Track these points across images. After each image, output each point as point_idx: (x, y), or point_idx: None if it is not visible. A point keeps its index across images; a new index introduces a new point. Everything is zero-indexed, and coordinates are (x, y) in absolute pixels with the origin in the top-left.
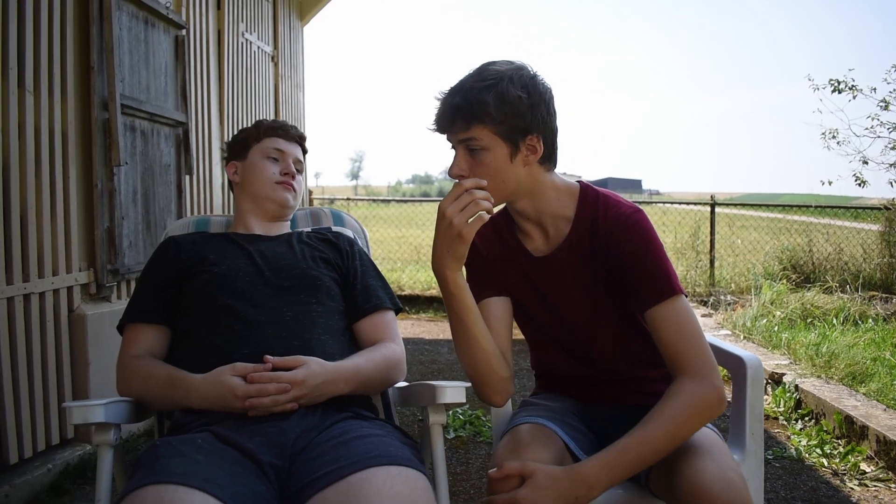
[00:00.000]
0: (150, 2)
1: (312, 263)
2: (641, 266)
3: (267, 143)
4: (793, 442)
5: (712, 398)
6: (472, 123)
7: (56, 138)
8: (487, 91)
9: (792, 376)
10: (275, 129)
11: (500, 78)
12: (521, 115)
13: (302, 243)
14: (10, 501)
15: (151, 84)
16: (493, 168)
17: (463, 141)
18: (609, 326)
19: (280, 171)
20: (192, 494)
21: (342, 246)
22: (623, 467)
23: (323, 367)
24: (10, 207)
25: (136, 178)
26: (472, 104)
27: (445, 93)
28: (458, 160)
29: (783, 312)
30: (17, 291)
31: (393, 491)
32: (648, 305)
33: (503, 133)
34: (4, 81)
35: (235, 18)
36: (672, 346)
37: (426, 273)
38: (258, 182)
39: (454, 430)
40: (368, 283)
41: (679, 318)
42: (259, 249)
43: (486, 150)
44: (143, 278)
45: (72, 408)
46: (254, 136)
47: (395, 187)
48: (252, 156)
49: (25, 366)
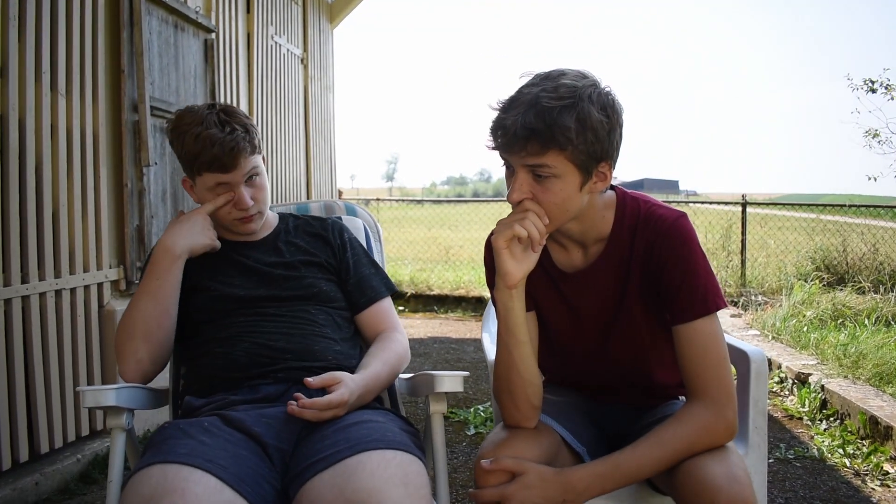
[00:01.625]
0: (179, 6)
1: (305, 270)
2: (680, 280)
3: (206, 178)
4: (815, 442)
5: (721, 429)
6: (549, 149)
7: (87, 139)
8: (568, 113)
9: (818, 376)
10: (209, 164)
11: (578, 96)
12: (600, 140)
13: (290, 245)
14: (40, 489)
15: (181, 87)
16: (561, 197)
17: (531, 166)
18: (635, 335)
19: (234, 205)
20: (195, 474)
21: (332, 239)
22: (615, 481)
23: (356, 383)
24: (42, 206)
25: (165, 177)
26: (552, 128)
27: (509, 106)
28: (521, 185)
29: (814, 313)
30: (48, 287)
31: (387, 473)
32: (679, 321)
33: (579, 161)
34: (38, 85)
35: (265, 21)
36: (693, 368)
37: (455, 273)
38: (216, 218)
39: (475, 426)
40: (362, 274)
41: (707, 340)
42: (249, 264)
43: (557, 177)
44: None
45: (85, 392)
46: (189, 164)
47: (430, 189)
48: (198, 185)
49: (56, 359)
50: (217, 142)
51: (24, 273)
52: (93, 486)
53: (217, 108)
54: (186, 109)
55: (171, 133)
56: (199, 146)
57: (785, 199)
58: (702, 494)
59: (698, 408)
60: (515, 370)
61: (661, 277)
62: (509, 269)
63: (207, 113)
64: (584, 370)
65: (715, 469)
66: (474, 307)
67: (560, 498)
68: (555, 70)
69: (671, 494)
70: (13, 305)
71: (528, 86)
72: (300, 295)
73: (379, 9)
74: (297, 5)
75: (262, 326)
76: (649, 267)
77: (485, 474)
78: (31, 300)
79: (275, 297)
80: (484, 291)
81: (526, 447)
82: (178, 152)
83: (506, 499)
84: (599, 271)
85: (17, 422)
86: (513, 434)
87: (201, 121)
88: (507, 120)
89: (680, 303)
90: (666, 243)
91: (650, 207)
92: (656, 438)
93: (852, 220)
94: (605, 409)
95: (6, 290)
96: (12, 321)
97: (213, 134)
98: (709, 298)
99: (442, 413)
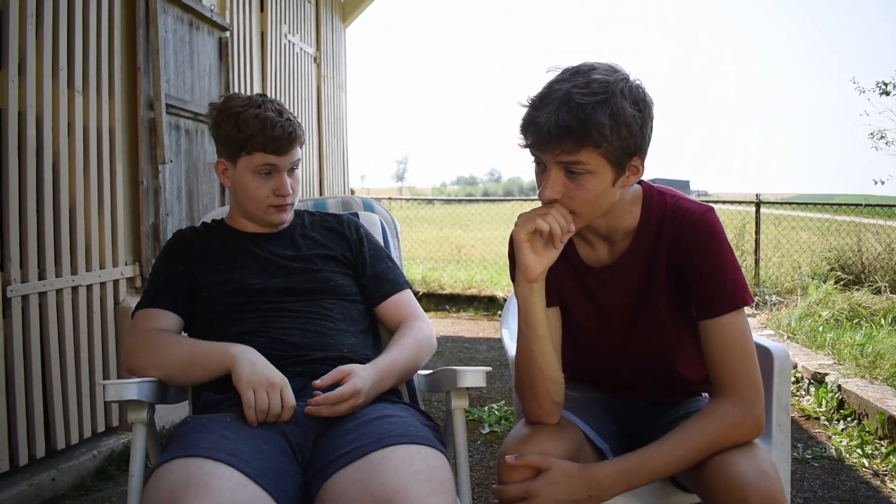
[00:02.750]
0: (194, 4)
1: (321, 264)
2: (707, 274)
3: (256, 158)
4: (833, 442)
5: (748, 426)
6: (584, 146)
7: (103, 137)
8: (602, 109)
9: (835, 376)
10: (265, 145)
11: (611, 92)
12: (633, 136)
13: (307, 238)
14: (57, 485)
15: (196, 84)
16: (594, 193)
17: (565, 163)
18: (660, 330)
19: (273, 190)
20: (219, 468)
21: (349, 234)
22: (641, 477)
23: (368, 372)
24: (59, 203)
25: (180, 175)
26: (586, 124)
27: (540, 103)
28: (554, 183)
29: (829, 313)
30: (65, 284)
31: (412, 469)
32: (707, 316)
33: (612, 156)
34: (55, 82)
35: (278, 20)
36: (721, 364)
37: (466, 272)
38: (249, 203)
39: (489, 424)
40: (379, 267)
41: (735, 335)
42: (265, 256)
43: (591, 174)
44: (157, 271)
45: (107, 385)
46: (240, 144)
47: (440, 189)
48: (240, 166)
49: (73, 355)
50: (277, 124)
51: (42, 269)
52: (108, 482)
53: (268, 99)
54: (235, 96)
55: (220, 115)
56: (257, 126)
57: (798, 199)
58: (731, 491)
59: (726, 404)
60: (536, 365)
61: (689, 272)
62: (530, 262)
63: (262, 100)
64: (606, 366)
65: (744, 465)
66: (486, 306)
67: (585, 494)
68: (584, 64)
69: (697, 492)
70: (30, 301)
71: (558, 81)
72: (315, 288)
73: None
74: (311, 4)
75: (276, 321)
76: (676, 261)
77: (509, 470)
78: (47, 296)
79: (290, 289)
80: (496, 291)
81: (549, 443)
82: (227, 133)
83: (531, 495)
84: (626, 266)
85: (33, 418)
86: (535, 430)
87: (259, 104)
88: (539, 117)
89: (707, 297)
90: (693, 237)
91: (677, 201)
92: (683, 435)
93: (867, 220)
94: (626, 405)
95: (23, 287)
96: (29, 317)
97: (272, 117)
98: (737, 293)
99: (464, 409)
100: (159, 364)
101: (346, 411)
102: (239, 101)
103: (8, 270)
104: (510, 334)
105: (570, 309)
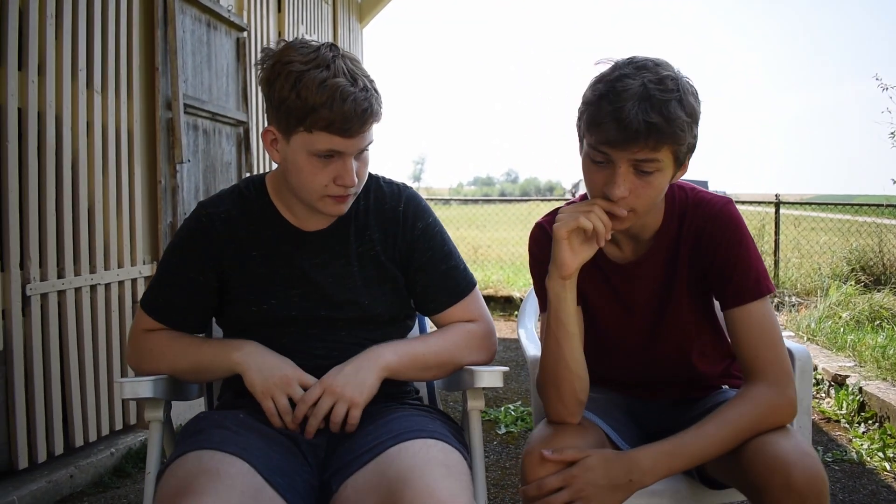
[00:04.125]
0: (212, 5)
1: (375, 289)
2: (733, 264)
3: (317, 139)
4: (854, 445)
5: (784, 407)
6: (665, 144)
7: (122, 136)
8: (679, 105)
9: (856, 378)
10: (330, 122)
11: (682, 88)
12: (697, 133)
13: (363, 241)
14: (75, 482)
15: (213, 84)
16: (659, 191)
17: (639, 161)
18: (683, 325)
19: (334, 178)
20: (229, 459)
21: (406, 235)
22: (681, 458)
23: (338, 367)
24: (78, 202)
25: (198, 174)
26: (671, 122)
27: (616, 98)
28: (624, 181)
29: (850, 314)
30: (84, 282)
31: (429, 455)
32: (733, 304)
33: (681, 154)
34: (74, 82)
35: (295, 20)
36: (751, 350)
37: (483, 273)
38: (301, 188)
39: (505, 425)
40: (435, 276)
41: (762, 321)
42: (312, 278)
43: (660, 171)
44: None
45: (123, 383)
46: (298, 116)
47: (457, 189)
48: (295, 144)
49: (91, 353)
50: (349, 97)
51: (60, 268)
52: (126, 479)
53: (341, 53)
54: (296, 45)
55: (275, 70)
56: (323, 96)
57: (817, 200)
58: (775, 469)
59: (761, 387)
60: (564, 363)
61: (714, 262)
62: (566, 259)
63: (332, 56)
64: (627, 365)
65: (785, 444)
66: (503, 307)
67: (626, 478)
68: (637, 58)
69: (731, 480)
70: (49, 300)
71: (623, 76)
72: (360, 317)
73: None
74: (328, 5)
75: (312, 347)
76: (699, 252)
77: (539, 465)
78: (66, 295)
79: (332, 320)
80: (512, 291)
81: (573, 443)
82: (281, 96)
83: (569, 482)
84: (650, 261)
85: (52, 415)
86: (560, 429)
87: (327, 64)
88: (622, 113)
89: (734, 286)
90: (716, 228)
91: (697, 194)
92: (721, 418)
93: (888, 220)
94: (647, 405)
95: (43, 285)
96: (48, 315)
97: (343, 86)
98: (761, 281)
99: (479, 409)
100: (164, 372)
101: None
102: (302, 55)
103: (28, 269)
104: (527, 334)
105: (595, 308)
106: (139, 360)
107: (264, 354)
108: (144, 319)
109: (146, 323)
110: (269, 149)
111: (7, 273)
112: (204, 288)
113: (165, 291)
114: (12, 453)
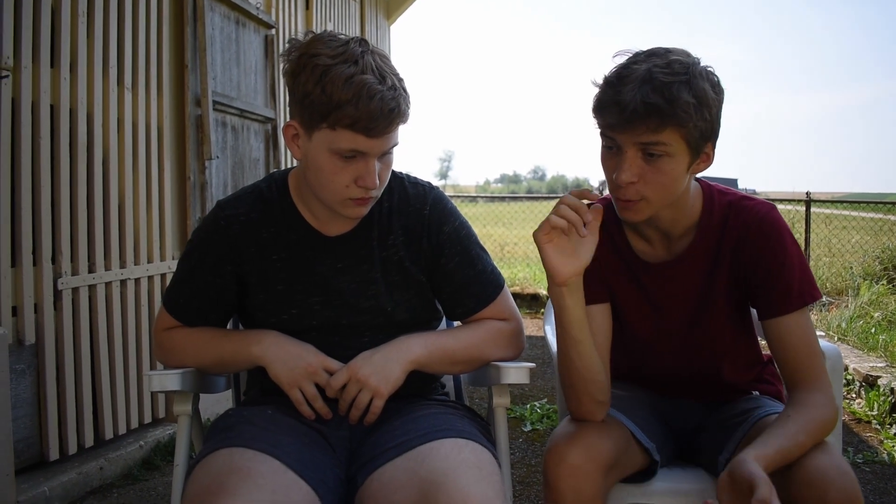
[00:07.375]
0: (241, 2)
1: (397, 296)
2: (776, 274)
3: (341, 137)
4: (885, 446)
5: (833, 416)
6: (668, 126)
7: (152, 133)
8: (686, 88)
9: (888, 379)
10: (354, 121)
11: (692, 73)
12: (711, 118)
13: (385, 246)
14: (104, 474)
15: (242, 82)
16: (670, 177)
17: (645, 144)
18: (720, 331)
19: (356, 178)
20: (260, 456)
21: (429, 240)
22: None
23: (364, 353)
24: (109, 198)
25: (226, 171)
26: (672, 102)
27: (619, 82)
28: (631, 165)
29: (882, 314)
30: (114, 277)
31: (461, 457)
32: (776, 314)
33: (692, 139)
34: (105, 79)
35: (323, 18)
36: (796, 359)
37: (510, 270)
38: (321, 188)
39: (531, 423)
40: (461, 281)
41: (805, 331)
42: (334, 285)
43: (670, 157)
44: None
45: (151, 376)
46: (321, 112)
47: (484, 186)
48: (316, 140)
49: (121, 347)
50: (376, 95)
51: (91, 263)
52: (154, 472)
53: (370, 49)
54: (324, 37)
55: (301, 62)
56: (350, 93)
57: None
58: (813, 485)
59: (816, 395)
60: (574, 368)
61: (756, 270)
62: (554, 264)
63: (361, 51)
64: (656, 365)
65: (824, 461)
66: (529, 304)
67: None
68: (656, 48)
69: None
70: (80, 294)
71: (634, 62)
72: (383, 323)
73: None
74: (355, 2)
75: (334, 353)
76: (741, 259)
77: (559, 466)
78: (97, 289)
79: (355, 326)
80: (539, 289)
81: (597, 441)
82: (305, 90)
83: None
84: (686, 263)
85: (83, 408)
86: (583, 427)
87: (356, 59)
88: (622, 95)
89: (777, 296)
90: (759, 236)
91: (739, 199)
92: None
93: None
94: (674, 403)
95: (74, 279)
96: (80, 310)
97: (371, 83)
98: (805, 290)
99: (505, 406)
100: (189, 366)
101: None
102: (330, 48)
103: (59, 263)
104: (552, 331)
105: (622, 307)
106: (164, 356)
107: (285, 345)
108: (165, 317)
109: (167, 321)
110: (290, 144)
111: (39, 268)
112: (222, 290)
113: (185, 292)
114: (43, 445)
